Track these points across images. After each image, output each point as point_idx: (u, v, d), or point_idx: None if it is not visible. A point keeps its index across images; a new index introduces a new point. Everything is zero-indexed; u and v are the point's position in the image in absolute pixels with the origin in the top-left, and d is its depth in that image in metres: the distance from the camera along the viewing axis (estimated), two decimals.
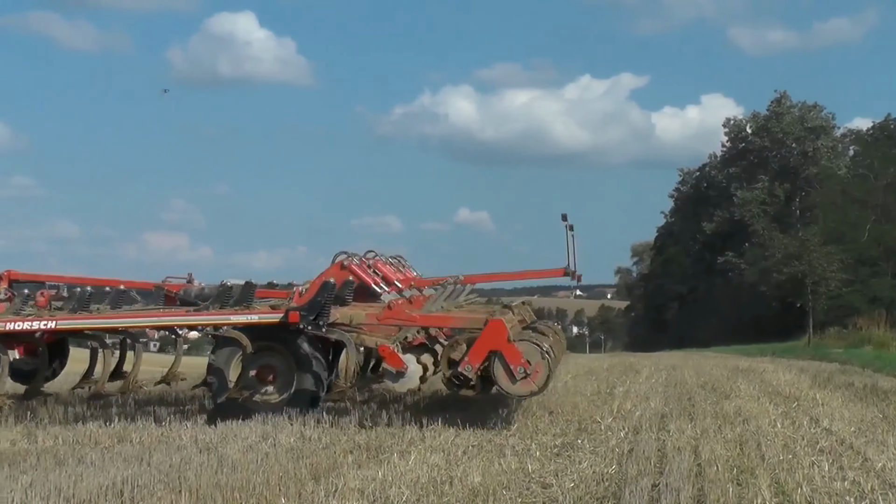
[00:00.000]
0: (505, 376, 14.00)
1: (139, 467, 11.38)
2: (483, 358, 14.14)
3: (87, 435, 13.99)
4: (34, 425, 15.02)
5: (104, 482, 10.43)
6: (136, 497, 9.91)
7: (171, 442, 13.36)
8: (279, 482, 10.45)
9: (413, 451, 12.17)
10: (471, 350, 14.22)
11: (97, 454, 12.48)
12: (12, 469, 11.58)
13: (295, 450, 12.45)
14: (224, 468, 11.12)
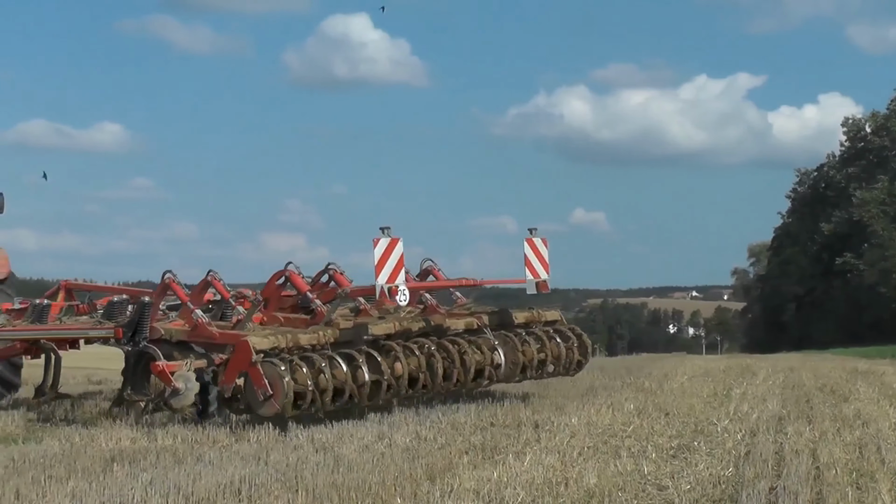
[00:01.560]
0: (254, 397, 14.21)
1: (256, 466, 11.51)
2: (235, 378, 14.37)
3: (205, 434, 14.16)
4: (154, 424, 15.24)
5: (222, 480, 10.56)
6: (254, 496, 10.02)
7: (288, 441, 13.48)
8: (395, 482, 10.50)
9: (528, 452, 12.15)
10: (226, 370, 14.49)
11: (215, 453, 12.64)
12: (133, 467, 11.77)
13: (410, 450, 12.50)
14: (340, 468, 11.21)
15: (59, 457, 12.59)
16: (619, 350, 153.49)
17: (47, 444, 13.83)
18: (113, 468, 11.65)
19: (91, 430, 14.73)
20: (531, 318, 17.56)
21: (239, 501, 9.91)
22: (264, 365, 14.11)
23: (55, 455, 12.74)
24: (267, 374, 14.04)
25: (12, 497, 10.17)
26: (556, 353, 17.08)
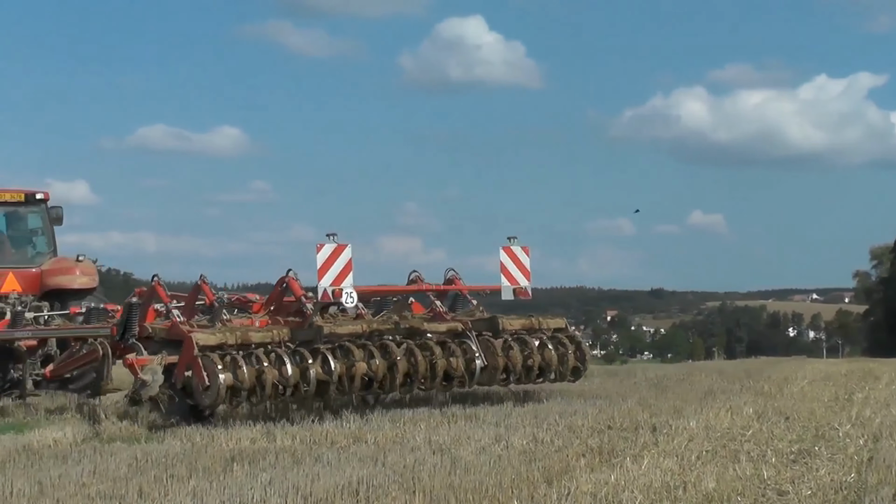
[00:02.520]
0: (196, 388, 15.31)
1: (374, 467, 11.58)
2: (183, 370, 15.49)
3: (323, 435, 14.28)
4: (273, 424, 15.40)
5: (340, 481, 10.64)
6: (371, 497, 10.08)
7: (405, 443, 13.54)
8: (511, 484, 10.49)
9: (646, 456, 12.07)
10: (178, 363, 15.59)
11: (333, 454, 12.74)
12: (252, 467, 11.91)
13: (527, 452, 12.49)
14: (457, 469, 11.23)
15: (181, 456, 12.79)
16: (738, 353, 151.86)
17: (169, 444, 14.06)
18: (233, 468, 11.80)
19: (211, 431, 14.93)
20: (528, 325, 17.82)
21: (356, 502, 9.97)
22: (203, 359, 15.11)
23: (176, 454, 12.93)
24: (205, 368, 15.07)
25: (135, 495, 10.35)
26: (548, 360, 17.36)
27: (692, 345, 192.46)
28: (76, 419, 16.55)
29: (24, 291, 22.82)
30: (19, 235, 24.48)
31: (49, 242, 24.40)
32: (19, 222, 24.52)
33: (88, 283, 23.29)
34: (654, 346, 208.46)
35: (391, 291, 18.83)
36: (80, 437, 14.98)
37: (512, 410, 16.28)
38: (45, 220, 24.40)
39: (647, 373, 26.33)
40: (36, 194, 24.27)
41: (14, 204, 24.17)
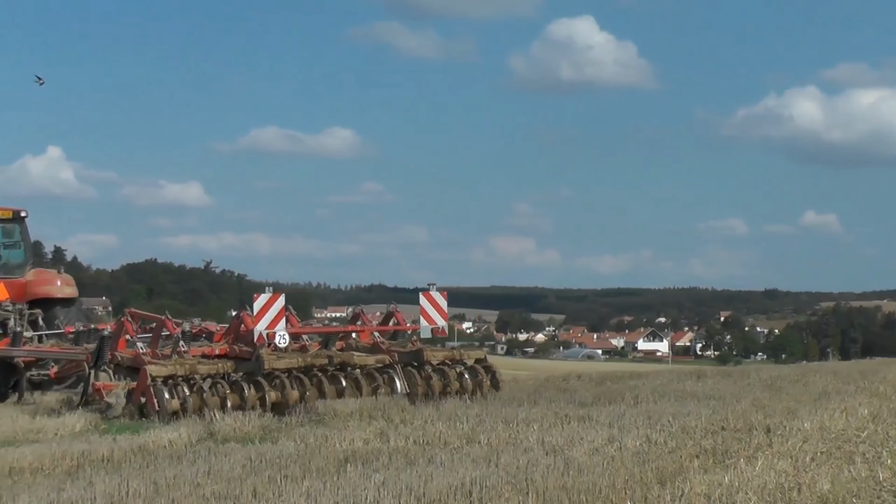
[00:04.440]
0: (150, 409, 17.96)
1: (487, 468, 11.56)
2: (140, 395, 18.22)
3: (437, 436, 14.31)
4: (387, 425, 15.47)
5: (453, 482, 10.64)
6: (485, 497, 10.07)
7: (518, 444, 13.52)
8: (625, 485, 10.43)
9: (760, 457, 11.93)
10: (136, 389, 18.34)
11: (446, 454, 12.75)
12: (365, 467, 11.96)
13: (641, 453, 12.41)
14: (570, 471, 11.18)
15: (295, 457, 12.89)
16: (853, 354, 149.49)
17: (283, 445, 14.18)
18: (346, 468, 11.86)
19: (325, 431, 15.04)
20: (450, 356, 20.56)
21: (469, 503, 9.97)
22: (154, 388, 17.91)
23: (290, 455, 13.04)
24: (156, 395, 17.87)
25: (250, 495, 10.45)
26: (465, 386, 19.76)
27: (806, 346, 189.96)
28: (191, 420, 16.76)
29: (12, 299, 25.68)
30: (6, 248, 27.09)
31: (28, 255, 27.50)
32: (6, 236, 27.10)
33: (71, 293, 26.68)
34: (768, 346, 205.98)
35: (333, 332, 21.97)
36: (194, 437, 15.18)
37: (625, 411, 16.20)
38: (25, 234, 27.22)
39: (760, 374, 26.03)
40: (21, 212, 27.18)
41: (2, 220, 26.91)
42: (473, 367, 20.36)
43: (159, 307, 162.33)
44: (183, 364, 18.45)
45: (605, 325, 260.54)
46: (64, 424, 16.67)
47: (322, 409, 17.32)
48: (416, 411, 17.04)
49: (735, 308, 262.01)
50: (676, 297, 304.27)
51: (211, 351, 19.57)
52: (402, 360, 19.89)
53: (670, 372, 29.82)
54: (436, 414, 16.60)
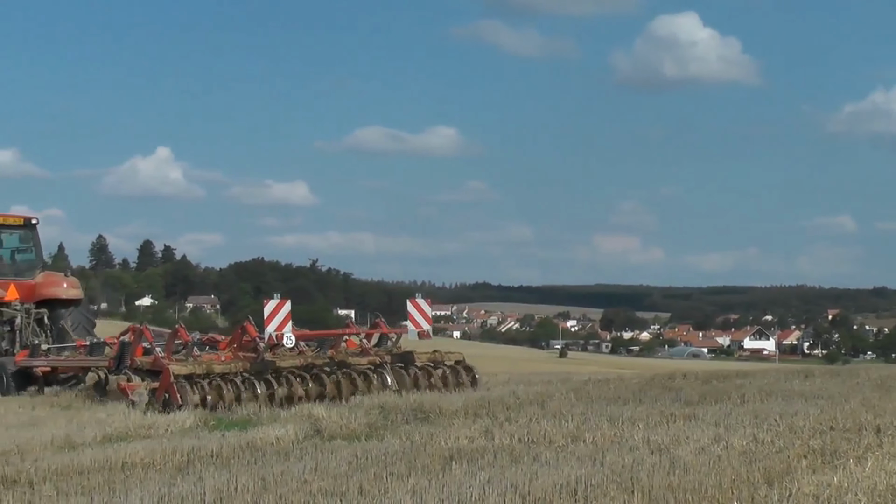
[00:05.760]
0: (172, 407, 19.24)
1: (592, 467, 11.54)
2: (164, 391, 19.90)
3: (541, 434, 14.29)
4: (492, 423, 15.49)
5: (558, 480, 10.63)
6: (590, 496, 10.05)
7: (623, 442, 13.47)
8: (731, 485, 10.35)
9: (870, 457, 11.76)
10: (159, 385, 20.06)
11: (551, 453, 12.74)
12: (471, 465, 11.98)
13: (748, 453, 12.31)
14: (676, 470, 11.12)
15: (400, 454, 12.95)
16: None
17: (388, 442, 14.25)
18: (451, 466, 11.89)
19: (430, 429, 15.09)
20: (433, 358, 22.82)
21: (575, 502, 9.96)
22: (178, 384, 19.59)
23: (396, 453, 13.10)
24: (179, 391, 19.56)
25: (356, 492, 10.53)
26: (447, 383, 22.06)
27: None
28: (297, 418, 16.90)
29: (23, 300, 28.03)
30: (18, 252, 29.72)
31: (38, 259, 29.98)
32: (18, 242, 29.74)
33: (76, 295, 28.71)
34: (878, 345, 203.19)
35: (328, 335, 24.76)
36: (301, 434, 15.30)
37: (732, 410, 16.06)
38: (36, 240, 29.64)
39: (870, 373, 25.64)
40: (31, 219, 29.66)
41: (14, 227, 29.52)
42: (454, 366, 22.83)
43: None
44: (200, 364, 20.52)
45: (710, 324, 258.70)
46: (174, 421, 16.91)
47: (427, 406, 17.46)
48: (520, 409, 17.05)
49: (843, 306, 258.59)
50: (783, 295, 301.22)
51: (217, 358, 21.71)
52: (393, 360, 22.28)
53: (777, 371, 29.54)
54: (540, 412, 16.58)
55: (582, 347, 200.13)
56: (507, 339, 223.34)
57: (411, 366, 22.23)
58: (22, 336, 27.41)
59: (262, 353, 21.08)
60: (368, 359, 22.20)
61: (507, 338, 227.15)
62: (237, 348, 22.20)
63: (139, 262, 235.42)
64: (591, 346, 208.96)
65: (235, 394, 19.84)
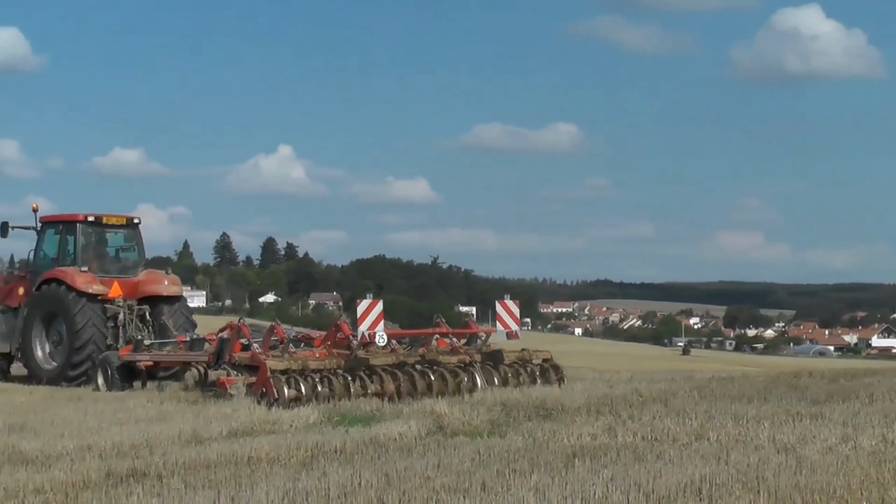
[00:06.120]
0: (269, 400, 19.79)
1: (717, 465, 11.43)
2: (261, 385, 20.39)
3: (665, 432, 14.19)
4: (614, 420, 15.42)
5: (682, 479, 10.55)
6: (714, 495, 9.96)
7: (748, 441, 13.32)
8: (860, 486, 10.18)
9: None
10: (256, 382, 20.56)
11: (675, 451, 12.64)
12: (594, 463, 11.94)
13: (877, 453, 12.09)
14: (802, 469, 10.97)
15: (523, 451, 12.95)
16: None
17: (510, 439, 14.25)
18: (574, 464, 11.87)
19: (552, 426, 15.06)
20: (521, 357, 23.25)
21: (699, 501, 9.88)
22: (274, 379, 20.13)
23: (518, 450, 13.11)
24: (275, 385, 20.05)
25: (478, 489, 10.54)
26: (532, 379, 22.55)
27: None
28: (419, 414, 16.97)
29: (126, 297, 29.03)
30: (122, 251, 30.93)
31: (141, 257, 31.03)
32: (123, 241, 30.95)
33: (177, 292, 30.13)
34: None
35: (418, 333, 25.29)
36: (423, 431, 15.35)
37: (860, 410, 15.80)
38: (138, 239, 30.82)
39: None
40: (133, 218, 30.98)
41: (118, 226, 30.77)
42: (542, 365, 23.32)
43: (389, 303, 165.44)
44: (296, 360, 21.08)
45: (837, 321, 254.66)
46: (298, 416, 17.07)
47: (550, 403, 17.46)
48: (643, 406, 16.95)
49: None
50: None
51: (311, 355, 22.24)
52: (483, 359, 22.66)
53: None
54: (664, 410, 16.46)
55: (705, 345, 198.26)
56: (628, 336, 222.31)
57: (500, 364, 22.61)
58: (125, 332, 28.42)
59: (356, 351, 21.61)
60: (458, 357, 22.62)
61: (628, 335, 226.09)
62: (331, 345, 22.72)
63: (262, 260, 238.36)
64: (714, 344, 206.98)
65: (329, 390, 20.27)
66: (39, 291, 29.15)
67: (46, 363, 28.89)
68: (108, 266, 30.05)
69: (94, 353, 27.27)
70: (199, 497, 10.57)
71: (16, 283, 30.82)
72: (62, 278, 28.63)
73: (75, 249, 29.47)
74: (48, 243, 30.29)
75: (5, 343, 29.89)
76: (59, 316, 28.64)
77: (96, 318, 28.21)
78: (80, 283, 28.34)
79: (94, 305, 28.36)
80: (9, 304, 30.44)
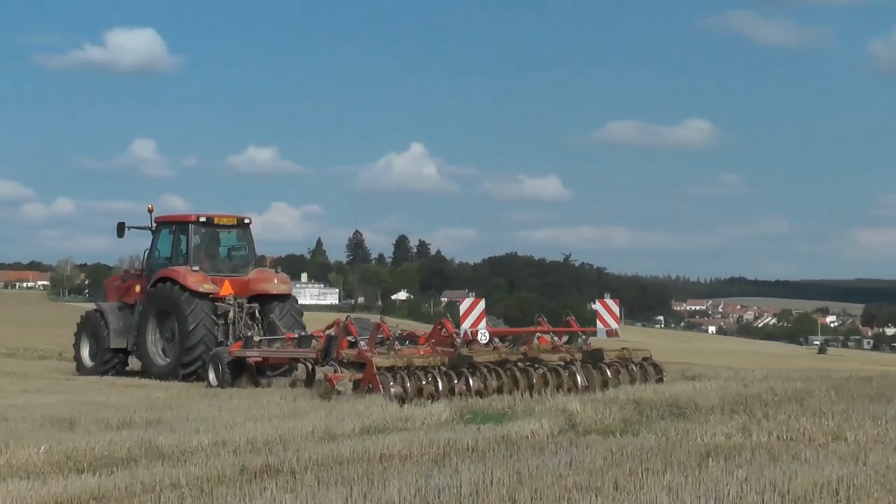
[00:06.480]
0: None
1: (854, 466, 11.24)
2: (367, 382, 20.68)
3: (801, 431, 13.98)
4: (749, 419, 15.23)
5: (818, 480, 10.39)
6: (852, 497, 9.80)
7: (887, 442, 13.08)
8: None
9: None
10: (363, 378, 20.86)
11: (811, 451, 12.45)
12: (728, 462, 11.81)
13: None
14: None
15: (655, 450, 12.85)
16: None
17: (643, 438, 14.15)
18: (708, 463, 11.75)
19: (686, 425, 14.93)
20: (622, 355, 23.42)
21: (836, 502, 9.73)
22: (381, 376, 20.51)
23: (651, 448, 13.01)
24: (382, 382, 20.36)
25: (611, 488, 10.49)
26: (635, 378, 22.48)
27: None
28: (551, 412, 16.92)
29: (236, 295, 30.15)
30: (233, 250, 32.13)
31: (252, 256, 31.97)
32: (235, 240, 32.10)
33: (286, 290, 30.98)
34: None
35: (518, 332, 25.52)
36: (555, 429, 15.31)
37: None
38: (249, 239, 31.91)
39: None
40: (244, 219, 31.96)
41: (229, 226, 31.88)
42: (641, 363, 23.34)
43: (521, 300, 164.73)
44: (401, 357, 21.42)
45: None
46: (430, 414, 17.11)
47: (683, 402, 17.32)
48: (778, 406, 16.73)
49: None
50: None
51: (416, 352, 22.52)
52: (583, 357, 22.81)
53: None
54: (799, 409, 16.23)
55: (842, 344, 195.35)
56: (763, 334, 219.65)
57: (600, 363, 22.77)
58: (235, 329, 29.56)
59: (459, 349, 21.93)
60: (559, 355, 22.86)
61: (763, 333, 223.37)
62: (435, 343, 23.09)
63: (395, 257, 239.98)
64: (851, 343, 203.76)
65: (433, 386, 20.60)
66: (154, 289, 30.34)
67: (159, 359, 30.11)
68: (219, 265, 31.29)
69: (204, 352, 28.27)
70: (331, 493, 10.64)
71: (133, 282, 32.11)
72: (175, 277, 29.76)
73: (187, 249, 30.66)
74: (162, 243, 31.55)
75: (122, 339, 31.12)
76: (172, 314, 29.73)
77: (207, 319, 29.26)
78: (191, 282, 29.46)
79: (204, 304, 29.45)
80: (126, 301, 31.79)
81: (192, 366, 28.78)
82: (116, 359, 31.36)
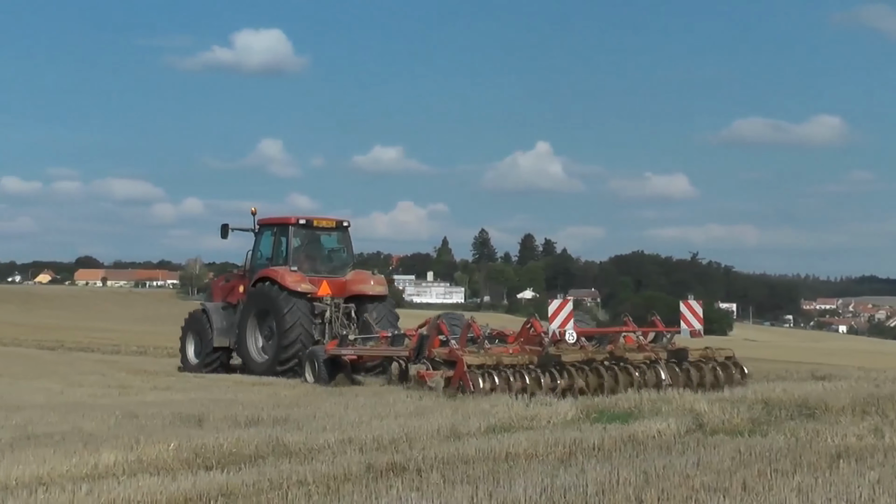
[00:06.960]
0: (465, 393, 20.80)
1: None
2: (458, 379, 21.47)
3: None
4: (881, 420, 14.97)
5: None
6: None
7: None
8: None
9: None
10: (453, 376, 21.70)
11: None
12: (859, 464, 11.61)
13: None
14: None
15: (784, 451, 12.68)
16: None
17: (772, 438, 13.97)
18: (839, 465, 11.58)
19: (816, 426, 14.73)
20: (705, 354, 23.87)
21: None
22: (471, 373, 21.26)
23: (780, 449, 12.84)
24: (471, 379, 21.11)
25: (739, 489, 10.37)
26: (718, 378, 22.99)
27: None
28: (678, 412, 16.79)
29: (334, 295, 31.12)
30: (332, 252, 33.10)
31: (350, 258, 33.04)
32: (335, 243, 33.11)
33: (382, 292, 31.92)
34: None
35: (604, 332, 25.78)
36: (683, 428, 15.18)
37: None
38: (348, 241, 32.91)
39: None
40: (343, 221, 32.92)
41: (328, 229, 32.84)
42: (724, 363, 23.78)
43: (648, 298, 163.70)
44: (491, 356, 22.18)
45: None
46: (556, 413, 17.07)
47: (813, 402, 17.08)
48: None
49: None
50: None
51: (505, 350, 23.26)
52: (668, 356, 23.38)
53: None
54: None
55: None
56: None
57: (684, 362, 23.28)
58: (331, 328, 30.58)
59: (547, 347, 22.50)
60: (644, 354, 23.41)
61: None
62: (524, 342, 23.77)
63: (520, 256, 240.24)
64: None
65: (522, 384, 21.12)
66: (254, 289, 31.38)
67: (259, 356, 31.07)
68: (318, 266, 32.20)
69: (300, 350, 29.25)
70: (457, 492, 10.65)
71: (236, 282, 33.20)
72: (274, 277, 30.77)
73: (287, 250, 31.65)
74: (264, 244, 32.56)
75: (225, 337, 32.16)
76: (271, 313, 30.66)
77: (304, 318, 30.22)
78: (289, 282, 30.44)
79: (302, 304, 30.40)
80: (230, 300, 32.90)
81: (289, 363, 29.68)
82: (219, 357, 32.44)
